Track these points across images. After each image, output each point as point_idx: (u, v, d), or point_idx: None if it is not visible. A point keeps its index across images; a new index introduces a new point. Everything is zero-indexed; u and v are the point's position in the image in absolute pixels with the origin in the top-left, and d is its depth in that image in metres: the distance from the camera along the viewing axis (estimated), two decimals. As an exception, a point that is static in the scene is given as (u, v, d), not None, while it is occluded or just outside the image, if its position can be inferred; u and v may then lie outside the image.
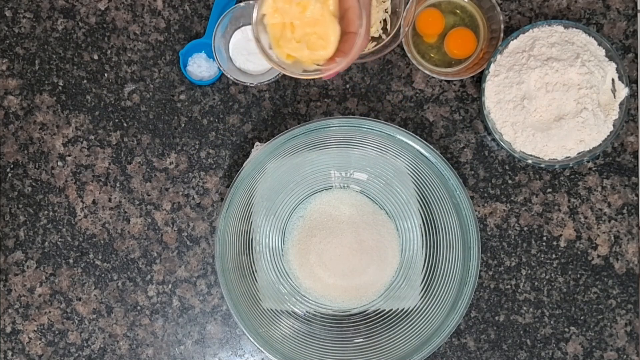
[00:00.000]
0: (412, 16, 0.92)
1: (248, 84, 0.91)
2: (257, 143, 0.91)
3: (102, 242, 0.95)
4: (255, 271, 0.93)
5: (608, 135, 0.90)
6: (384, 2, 0.95)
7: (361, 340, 0.92)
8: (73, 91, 0.96)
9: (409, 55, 0.92)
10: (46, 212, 0.95)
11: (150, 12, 0.97)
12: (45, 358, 0.95)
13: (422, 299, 0.91)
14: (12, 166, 0.96)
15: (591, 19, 0.96)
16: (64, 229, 0.95)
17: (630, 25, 0.96)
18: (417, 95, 0.96)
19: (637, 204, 0.95)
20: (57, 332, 0.95)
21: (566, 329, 0.94)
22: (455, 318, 0.86)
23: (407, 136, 0.87)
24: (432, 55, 0.96)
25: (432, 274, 0.92)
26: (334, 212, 0.95)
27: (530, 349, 0.94)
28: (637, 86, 0.95)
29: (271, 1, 0.70)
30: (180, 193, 0.96)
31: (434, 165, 0.87)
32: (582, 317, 0.95)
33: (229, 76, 0.91)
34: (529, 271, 0.95)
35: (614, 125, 0.90)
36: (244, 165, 0.87)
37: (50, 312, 0.95)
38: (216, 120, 0.96)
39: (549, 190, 0.95)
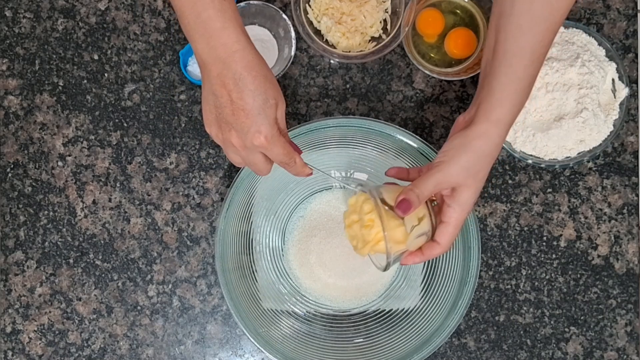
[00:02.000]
0: (412, 16, 0.92)
1: (248, 84, 0.91)
2: (257, 143, 0.91)
3: (102, 242, 0.95)
4: (256, 271, 0.93)
5: (608, 135, 0.90)
6: (384, 2, 0.95)
7: (361, 340, 0.92)
8: (73, 91, 0.96)
9: (409, 55, 0.92)
10: (46, 212, 0.95)
11: (150, 12, 0.97)
12: (45, 358, 0.95)
13: (422, 299, 0.92)
14: (12, 166, 0.96)
15: (591, 19, 0.96)
16: (64, 229, 0.95)
17: (630, 25, 0.96)
18: (417, 95, 0.96)
19: (637, 204, 0.95)
20: (57, 332, 0.95)
21: (566, 329, 0.94)
22: (455, 318, 0.86)
23: (407, 136, 0.87)
24: (432, 55, 0.96)
25: (432, 274, 0.92)
26: (334, 212, 0.95)
27: (530, 349, 0.94)
28: (637, 86, 0.95)
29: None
30: (181, 193, 0.96)
31: (434, 165, 0.87)
32: (582, 317, 0.94)
33: (229, 76, 0.91)
34: (529, 271, 0.95)
35: (614, 125, 0.90)
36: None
37: (50, 312, 0.95)
38: (216, 120, 0.96)
39: (549, 190, 0.95)
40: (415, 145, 0.87)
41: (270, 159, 0.74)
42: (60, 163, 0.96)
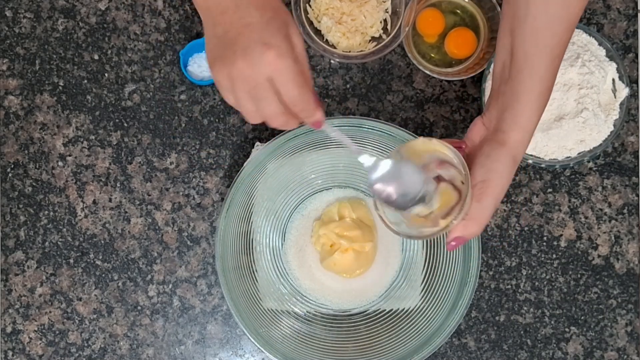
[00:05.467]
0: (412, 16, 0.92)
1: (248, 84, 0.91)
2: (257, 143, 0.91)
3: (102, 242, 0.95)
4: (256, 271, 0.93)
5: (608, 135, 0.90)
6: (384, 2, 0.95)
7: (361, 340, 0.92)
8: (73, 91, 0.96)
9: (409, 55, 0.92)
10: (46, 212, 0.95)
11: (150, 12, 0.97)
12: (45, 358, 0.95)
13: (423, 299, 0.91)
14: (12, 166, 0.96)
15: (591, 19, 0.96)
16: (65, 229, 0.95)
17: (630, 25, 0.96)
18: (418, 95, 0.96)
19: (638, 204, 0.95)
20: (57, 332, 0.95)
21: (566, 329, 0.94)
22: (455, 318, 0.86)
23: (408, 136, 0.87)
24: (432, 55, 0.96)
25: (433, 274, 0.92)
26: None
27: (530, 349, 0.94)
28: (637, 86, 0.95)
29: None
30: (181, 193, 0.96)
31: (434, 165, 0.87)
32: (582, 317, 0.94)
33: (229, 76, 0.91)
34: (530, 271, 0.95)
35: (614, 125, 0.90)
36: (244, 165, 0.87)
37: (50, 312, 0.95)
38: (216, 120, 0.96)
39: (550, 190, 0.95)
40: (415, 145, 0.87)
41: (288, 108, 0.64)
42: (60, 163, 0.96)
